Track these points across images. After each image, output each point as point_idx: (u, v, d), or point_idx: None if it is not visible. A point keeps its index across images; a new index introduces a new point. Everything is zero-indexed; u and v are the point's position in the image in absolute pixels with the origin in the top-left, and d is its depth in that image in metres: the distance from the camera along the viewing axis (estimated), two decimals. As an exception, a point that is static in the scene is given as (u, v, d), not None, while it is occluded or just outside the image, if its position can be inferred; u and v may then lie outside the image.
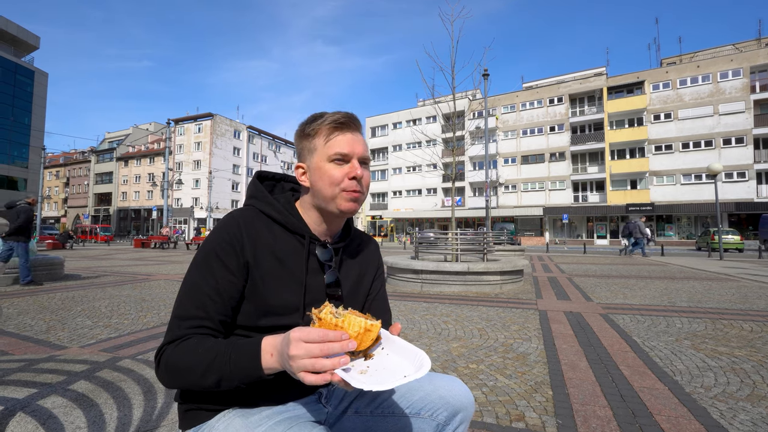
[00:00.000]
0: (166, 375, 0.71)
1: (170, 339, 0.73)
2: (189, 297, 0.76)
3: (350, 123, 0.84)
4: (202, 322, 0.75)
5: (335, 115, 0.84)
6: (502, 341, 3.52)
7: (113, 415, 1.22)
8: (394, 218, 42.78)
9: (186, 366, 0.69)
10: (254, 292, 0.80)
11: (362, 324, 0.65)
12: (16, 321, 4.08)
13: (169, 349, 0.72)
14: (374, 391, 0.59)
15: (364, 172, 0.85)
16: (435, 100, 8.80)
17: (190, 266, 0.81)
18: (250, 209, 0.88)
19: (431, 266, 6.77)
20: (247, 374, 0.67)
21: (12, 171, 33.87)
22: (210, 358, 0.68)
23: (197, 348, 0.70)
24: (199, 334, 0.74)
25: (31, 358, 1.83)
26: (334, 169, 0.83)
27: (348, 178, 0.82)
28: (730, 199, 28.25)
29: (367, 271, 0.99)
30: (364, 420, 0.88)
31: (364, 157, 0.86)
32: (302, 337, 0.61)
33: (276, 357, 0.65)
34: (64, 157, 66.49)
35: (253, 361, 0.66)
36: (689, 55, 36.16)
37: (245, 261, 0.79)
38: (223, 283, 0.77)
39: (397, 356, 0.70)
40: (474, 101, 34.82)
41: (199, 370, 0.68)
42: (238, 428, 0.74)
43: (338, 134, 0.83)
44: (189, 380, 0.70)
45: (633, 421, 1.98)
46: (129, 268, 9.84)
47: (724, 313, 4.76)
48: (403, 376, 0.62)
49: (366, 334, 0.66)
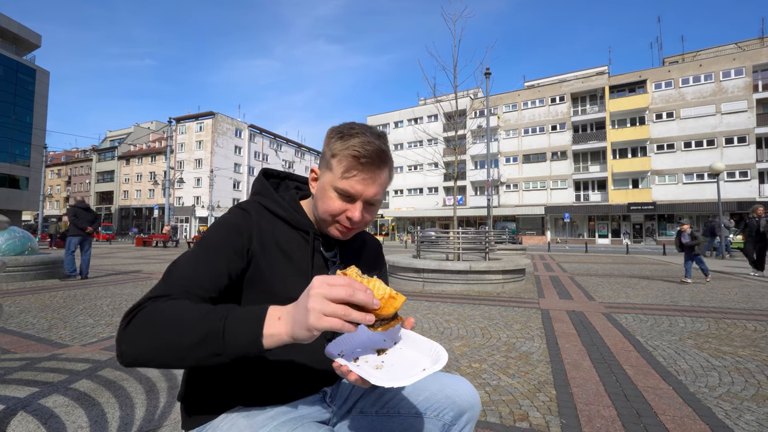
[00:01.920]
0: (136, 332, 0.57)
1: (154, 295, 0.63)
2: (188, 263, 0.72)
3: (373, 160, 0.77)
4: (198, 290, 0.67)
5: (362, 147, 0.76)
6: (504, 340, 3.50)
7: (115, 415, 1.21)
8: (396, 217, 42.78)
9: (165, 320, 0.57)
10: (260, 279, 0.78)
11: (387, 290, 0.61)
12: (18, 319, 4.08)
13: (150, 303, 0.61)
14: (395, 388, 0.57)
15: (365, 215, 0.82)
16: (437, 99, 8.79)
17: (196, 242, 0.80)
18: (256, 204, 0.87)
19: (433, 265, 6.76)
20: (245, 339, 0.55)
21: (14, 169, 33.90)
22: (201, 313, 0.58)
23: (188, 304, 0.60)
24: (193, 299, 0.65)
25: (33, 357, 1.82)
26: (336, 200, 0.80)
27: (345, 216, 0.81)
28: (732, 198, 28.14)
29: (370, 269, 0.99)
30: (369, 420, 0.87)
31: (373, 200, 0.81)
32: (327, 280, 0.55)
33: (285, 319, 0.55)
34: (66, 155, 66.60)
35: (253, 323, 0.55)
36: (691, 53, 36.02)
37: (251, 247, 0.78)
38: (222, 260, 0.73)
39: (412, 350, 0.68)
40: (476, 100, 34.77)
41: (184, 326, 0.56)
42: (243, 429, 0.72)
43: (354, 171, 0.78)
44: (161, 339, 0.56)
45: (637, 421, 1.96)
46: (131, 267, 9.85)
47: (727, 312, 4.74)
48: (422, 370, 0.60)
49: (390, 301, 0.60)
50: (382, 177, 0.81)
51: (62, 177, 64.00)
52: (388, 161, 0.82)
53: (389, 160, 0.82)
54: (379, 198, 0.82)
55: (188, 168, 48.54)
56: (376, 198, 0.81)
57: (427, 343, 0.67)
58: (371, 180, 0.79)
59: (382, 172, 0.81)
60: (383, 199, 0.87)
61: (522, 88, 39.38)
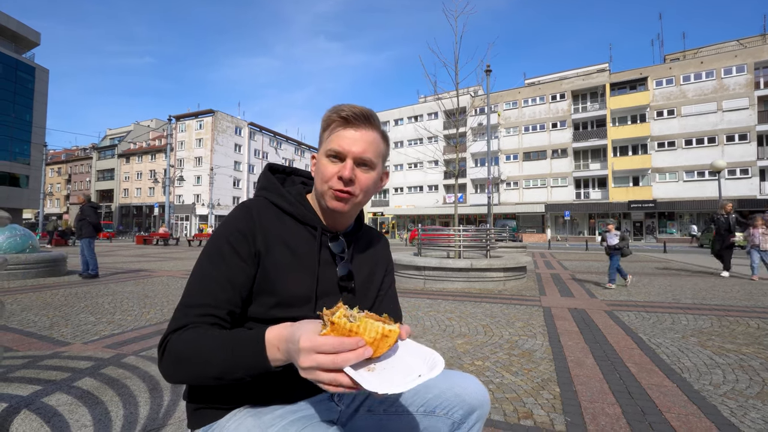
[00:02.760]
0: (170, 366, 0.67)
1: (175, 327, 0.70)
2: (198, 284, 0.74)
3: (357, 119, 0.79)
4: (210, 311, 0.72)
5: (346, 110, 0.79)
6: (507, 338, 3.50)
7: (119, 413, 1.20)
8: (396, 215, 42.75)
9: (189, 356, 0.65)
10: (265, 280, 0.77)
11: (379, 329, 0.59)
12: (20, 317, 4.08)
13: (174, 337, 0.68)
14: (389, 394, 0.54)
15: (360, 174, 0.81)
16: (437, 96, 8.77)
17: (200, 255, 0.79)
18: (262, 200, 0.86)
19: (434, 263, 6.75)
20: (256, 367, 0.63)
21: (14, 168, 33.85)
22: (214, 349, 0.65)
23: (202, 338, 0.67)
24: (205, 324, 0.70)
25: (35, 355, 1.81)
26: (328, 165, 0.80)
27: (337, 178, 0.79)
28: (733, 196, 28.08)
29: (378, 267, 0.97)
30: (377, 419, 0.86)
31: (362, 158, 0.80)
32: (314, 347, 0.55)
33: (283, 353, 0.62)
34: (66, 153, 66.51)
35: (259, 354, 0.63)
36: (693, 51, 35.88)
37: (257, 250, 0.77)
38: (234, 270, 0.75)
39: (407, 355, 0.65)
40: (476, 97, 34.69)
41: (201, 361, 0.65)
42: (250, 428, 0.71)
43: (341, 130, 0.80)
44: (192, 372, 0.66)
45: (642, 419, 1.96)
46: (131, 265, 9.85)
47: (729, 309, 4.73)
48: (417, 376, 0.58)
49: (383, 341, 0.59)
50: (369, 136, 0.81)
51: (62, 175, 63.96)
52: (376, 123, 0.82)
53: (378, 124, 0.83)
54: (370, 158, 0.80)
55: (188, 166, 48.48)
56: (365, 156, 0.80)
57: (422, 349, 0.65)
58: (359, 137, 0.79)
59: (369, 131, 0.81)
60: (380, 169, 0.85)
61: (523, 85, 39.29)
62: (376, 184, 0.86)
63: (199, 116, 49.55)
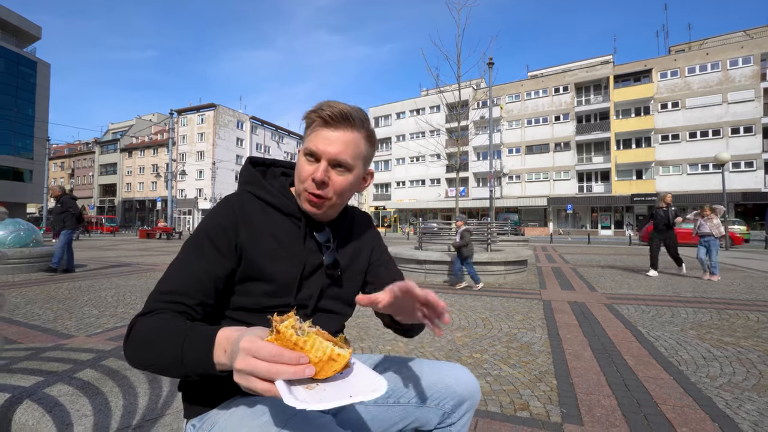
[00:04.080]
0: (131, 348, 0.67)
1: (145, 311, 0.70)
2: (174, 273, 0.75)
3: (335, 120, 0.77)
4: (180, 298, 0.72)
5: (326, 109, 0.77)
6: (506, 331, 3.52)
7: (119, 403, 1.23)
8: (398, 209, 42.75)
9: (148, 341, 0.65)
10: (251, 267, 0.78)
11: (327, 350, 0.55)
12: (24, 310, 4.13)
13: (141, 320, 0.68)
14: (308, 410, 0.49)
15: (335, 176, 0.79)
16: (439, 89, 8.71)
17: (181, 248, 0.80)
18: (245, 194, 0.87)
19: (435, 256, 6.77)
20: (199, 365, 0.61)
21: (18, 162, 34.00)
22: (167, 339, 0.64)
23: (163, 325, 0.66)
24: (174, 311, 0.71)
25: (39, 347, 1.84)
26: (305, 165, 0.80)
27: (311, 179, 0.79)
28: (737, 189, 27.93)
29: (363, 246, 0.97)
30: (368, 410, 0.88)
31: (337, 160, 0.78)
32: (251, 350, 0.52)
33: (228, 356, 0.58)
34: (69, 148, 66.69)
35: (205, 352, 0.60)
36: (698, 42, 35.43)
37: (237, 243, 0.78)
38: (211, 263, 0.76)
39: (352, 376, 0.60)
40: (478, 90, 34.44)
41: (155, 349, 0.64)
42: (243, 416, 0.73)
43: (319, 130, 0.78)
44: (147, 359, 0.65)
45: (638, 411, 1.97)
46: (134, 259, 9.92)
47: (729, 303, 4.73)
48: (348, 396, 0.53)
49: (329, 364, 0.55)
50: (348, 137, 0.78)
51: (65, 170, 64.21)
52: (358, 124, 0.79)
53: (359, 124, 0.80)
54: (346, 160, 0.78)
55: (190, 160, 48.55)
56: (340, 158, 0.78)
57: (370, 374, 0.60)
58: (335, 138, 0.78)
59: (348, 131, 0.79)
60: (361, 170, 0.83)
61: (525, 78, 38.94)
62: (354, 186, 0.84)
63: (200, 110, 49.51)
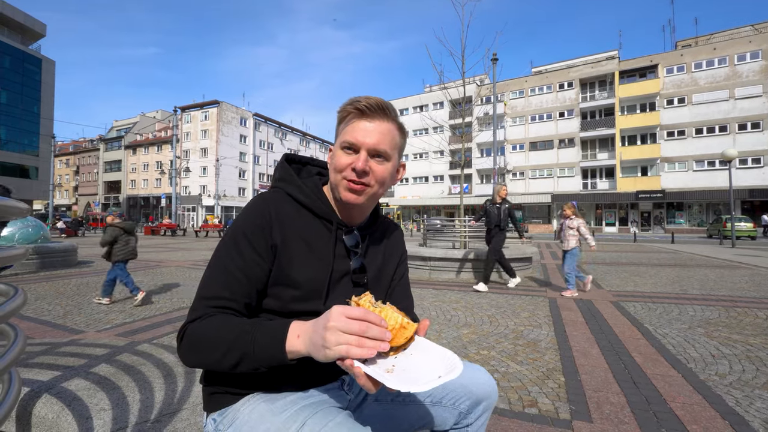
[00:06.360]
0: (187, 351, 0.70)
1: (193, 317, 0.72)
2: (215, 277, 0.76)
3: (372, 111, 0.79)
4: (227, 303, 0.74)
5: (362, 101, 0.80)
6: (512, 328, 3.52)
7: (136, 398, 1.24)
8: (401, 205, 42.72)
9: (209, 341, 0.68)
10: (281, 272, 0.79)
11: (399, 320, 0.63)
12: (34, 306, 4.18)
13: (192, 326, 0.71)
14: (405, 392, 0.55)
15: (375, 166, 0.81)
16: (443, 85, 8.67)
17: (218, 247, 0.80)
18: (279, 192, 0.87)
19: (439, 253, 6.77)
20: (270, 355, 0.65)
21: (24, 159, 34.25)
22: (234, 335, 0.67)
23: (222, 324, 0.69)
24: (223, 314, 0.73)
25: (52, 342, 1.86)
26: (342, 156, 0.81)
27: (350, 169, 0.80)
28: (744, 185, 27.65)
29: (391, 258, 0.98)
30: (384, 407, 0.88)
31: (376, 149, 0.80)
32: (343, 312, 0.59)
33: (303, 339, 0.64)
34: (74, 145, 67.01)
35: (277, 341, 0.65)
36: (705, 36, 34.97)
37: (273, 243, 0.79)
38: (250, 264, 0.76)
39: (424, 356, 0.65)
40: (482, 87, 34.26)
41: (221, 347, 0.67)
42: (264, 413, 0.74)
43: (356, 122, 0.80)
44: (210, 357, 0.68)
45: (647, 408, 1.97)
46: (140, 255, 9.99)
47: (737, 300, 4.71)
48: (437, 377, 0.58)
49: (401, 331, 0.63)
50: (385, 127, 0.81)
51: (71, 167, 64.55)
52: (392, 115, 0.82)
53: (394, 115, 0.83)
54: (385, 149, 0.80)
55: (194, 157, 48.66)
56: (380, 147, 0.80)
57: (441, 351, 0.65)
58: (373, 128, 0.79)
59: (384, 122, 0.81)
60: (396, 160, 0.85)
61: (530, 74, 38.67)
62: (392, 175, 0.85)
63: (204, 107, 49.54)
